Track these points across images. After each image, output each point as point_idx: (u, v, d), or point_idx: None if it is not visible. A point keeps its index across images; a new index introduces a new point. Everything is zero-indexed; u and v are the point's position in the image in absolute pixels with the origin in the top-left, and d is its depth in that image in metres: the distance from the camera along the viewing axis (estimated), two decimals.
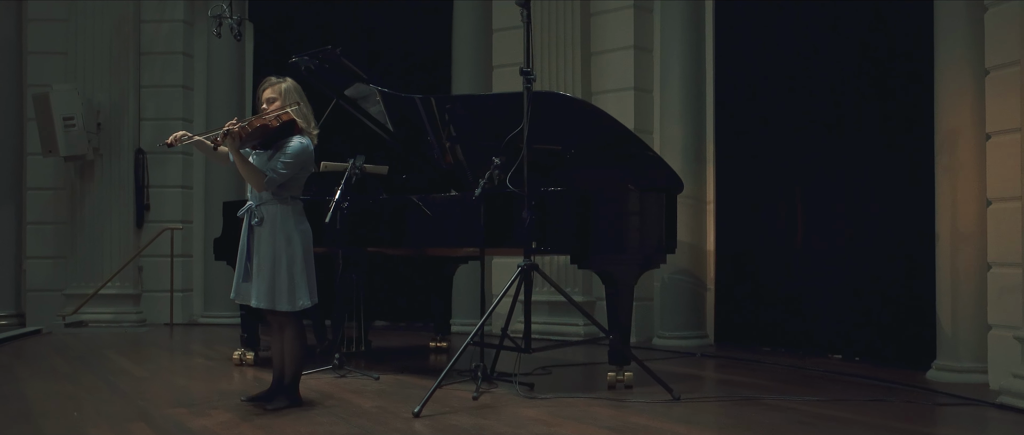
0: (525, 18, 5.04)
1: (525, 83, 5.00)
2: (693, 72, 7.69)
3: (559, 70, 8.08)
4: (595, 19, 8.13)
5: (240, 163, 4.62)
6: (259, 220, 4.72)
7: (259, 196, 4.73)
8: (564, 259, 8.06)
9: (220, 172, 9.83)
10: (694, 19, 7.67)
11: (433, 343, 7.38)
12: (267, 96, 4.77)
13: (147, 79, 9.89)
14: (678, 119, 7.72)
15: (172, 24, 9.92)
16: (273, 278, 4.68)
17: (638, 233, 5.42)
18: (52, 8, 9.80)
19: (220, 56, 9.85)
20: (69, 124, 9.31)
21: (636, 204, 5.42)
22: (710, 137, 7.79)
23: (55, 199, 9.90)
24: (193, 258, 10.07)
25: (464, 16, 8.99)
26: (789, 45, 7.23)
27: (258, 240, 4.73)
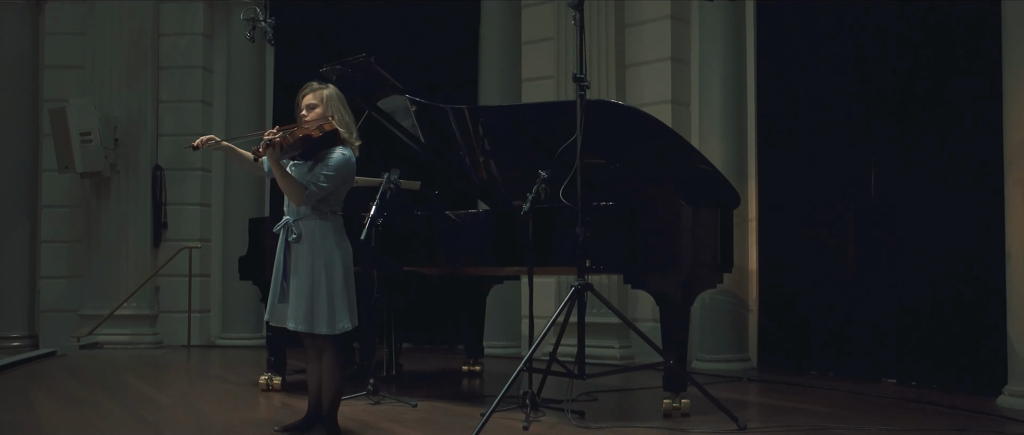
0: (578, 21, 4.67)
1: (578, 90, 4.63)
2: (734, 84, 7.32)
3: (592, 82, 7.70)
4: (630, 30, 7.78)
5: (280, 175, 4.25)
6: (297, 236, 4.33)
7: (297, 211, 4.36)
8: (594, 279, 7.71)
9: (240, 190, 9.48)
10: (735, 30, 7.30)
11: (466, 367, 6.98)
12: (307, 102, 4.40)
13: (165, 93, 9.54)
14: (718, 133, 7.34)
15: (191, 37, 9.58)
16: (312, 299, 4.29)
17: (691, 251, 5.03)
18: (69, 21, 9.49)
19: (240, 70, 9.52)
20: (86, 139, 8.97)
21: (689, 220, 5.03)
22: (752, 151, 7.41)
23: (70, 217, 9.54)
24: (211, 278, 9.69)
25: (492, 30, 8.66)
26: (837, 52, 6.85)
27: (295, 258, 4.34)
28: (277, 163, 4.25)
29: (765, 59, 7.32)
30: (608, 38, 7.70)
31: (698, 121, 7.55)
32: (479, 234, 5.49)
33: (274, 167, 4.25)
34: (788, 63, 7.18)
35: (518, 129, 5.84)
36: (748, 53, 7.37)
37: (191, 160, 9.55)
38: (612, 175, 5.27)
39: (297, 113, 4.49)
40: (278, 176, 4.27)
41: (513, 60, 8.58)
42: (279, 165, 4.27)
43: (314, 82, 4.50)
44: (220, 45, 9.67)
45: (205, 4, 9.58)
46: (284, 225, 4.39)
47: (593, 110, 4.85)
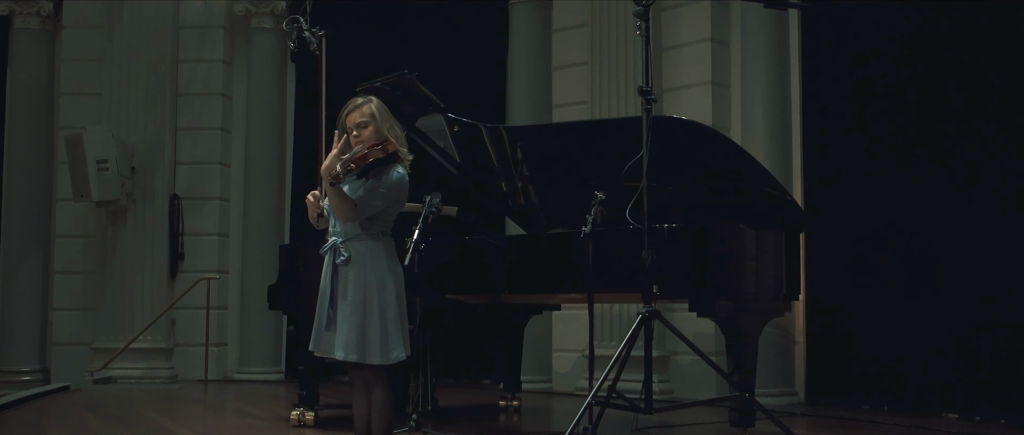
0: (644, 32, 4.35)
1: (645, 104, 4.29)
2: (777, 107, 6.97)
3: (628, 109, 7.37)
4: (668, 54, 7.45)
5: (332, 195, 3.89)
6: (345, 258, 3.97)
7: (345, 231, 4.00)
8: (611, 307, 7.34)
9: (259, 219, 9.14)
10: (778, 51, 6.96)
11: (503, 401, 6.57)
12: (356, 121, 4.04)
13: (184, 121, 9.20)
14: (760, 155, 6.94)
15: (211, 64, 9.25)
16: (363, 326, 3.92)
17: (754, 276, 4.68)
18: (87, 47, 9.17)
19: (260, 97, 9.21)
20: (102, 167, 8.61)
21: (753, 243, 4.68)
22: (797, 174, 7.07)
23: (85, 247, 9.15)
24: (228, 310, 9.29)
25: (520, 55, 8.35)
26: (887, 68, 6.49)
27: (344, 282, 3.98)
28: (333, 190, 3.91)
29: (810, 79, 6.98)
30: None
31: (740, 142, 7.20)
32: (531, 259, 5.12)
33: (328, 192, 3.91)
34: (834, 82, 6.84)
35: (565, 149, 5.51)
36: (792, 75, 7.03)
37: (209, 189, 9.21)
38: (664, 197, 4.90)
39: (341, 134, 4.13)
40: (330, 195, 3.91)
41: (543, 86, 8.27)
42: (333, 189, 3.92)
43: (357, 98, 4.16)
44: (240, 71, 9.36)
45: (225, 30, 9.27)
46: (331, 247, 4.03)
47: (657, 127, 4.51)
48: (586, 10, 7.74)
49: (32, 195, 9.20)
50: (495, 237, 5.35)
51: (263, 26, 9.19)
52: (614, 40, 7.52)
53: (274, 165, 9.23)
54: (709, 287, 4.52)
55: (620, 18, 7.46)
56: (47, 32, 9.31)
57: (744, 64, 7.04)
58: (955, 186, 6.09)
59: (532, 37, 8.29)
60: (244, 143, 9.27)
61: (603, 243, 4.58)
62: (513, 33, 8.39)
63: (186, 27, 9.20)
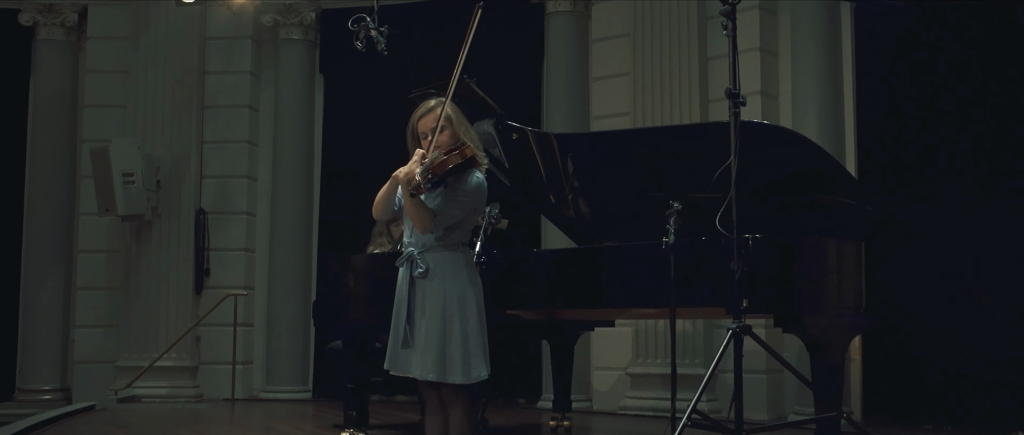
0: (731, 31, 4.07)
1: (733, 108, 4.02)
2: (830, 113, 6.65)
3: (671, 121, 7.11)
4: (714, 63, 7.19)
5: (407, 203, 3.62)
6: (423, 271, 3.69)
7: (422, 241, 3.72)
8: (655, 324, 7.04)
9: (286, 234, 8.84)
10: (830, 58, 6.67)
11: (553, 422, 6.24)
12: (430, 126, 3.77)
13: (210, 134, 8.92)
14: None
15: (238, 76, 8.98)
16: (444, 343, 3.64)
17: (837, 291, 4.41)
18: (112, 59, 8.90)
19: (288, 109, 8.94)
20: (128, 180, 8.32)
21: (835, 256, 4.41)
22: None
23: (108, 262, 8.85)
24: (254, 327, 8.98)
25: (557, 66, 8.07)
26: (952, 64, 6.19)
27: (422, 296, 3.70)
28: (406, 195, 3.64)
29: (865, 88, 6.69)
30: (691, 72, 7.12)
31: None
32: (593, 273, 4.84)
33: (405, 201, 3.63)
34: (890, 92, 6.56)
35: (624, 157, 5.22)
36: (846, 84, 6.75)
37: (235, 203, 8.92)
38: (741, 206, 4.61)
39: (412, 139, 3.86)
40: (407, 203, 3.64)
41: (581, 97, 7.99)
42: (410, 200, 3.64)
43: (429, 100, 3.89)
44: (267, 83, 9.08)
45: (252, 42, 9.00)
46: (407, 258, 3.74)
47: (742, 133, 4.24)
48: (628, 20, 7.48)
49: (54, 209, 8.90)
50: (551, 250, 5.08)
51: (291, 37, 8.92)
52: (657, 50, 7.26)
53: (302, 179, 8.94)
54: (797, 302, 4.24)
55: (664, 28, 7.22)
56: (71, 43, 9.03)
57: (795, 75, 6.76)
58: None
59: (569, 48, 8.02)
60: (271, 156, 9.00)
61: (683, 255, 4.29)
62: (549, 43, 8.12)
63: (213, 38, 8.93)
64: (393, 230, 6.27)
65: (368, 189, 8.64)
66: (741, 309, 4.01)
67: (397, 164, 9.09)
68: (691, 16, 7.14)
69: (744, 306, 4.03)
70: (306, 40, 8.97)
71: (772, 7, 7.05)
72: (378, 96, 8.87)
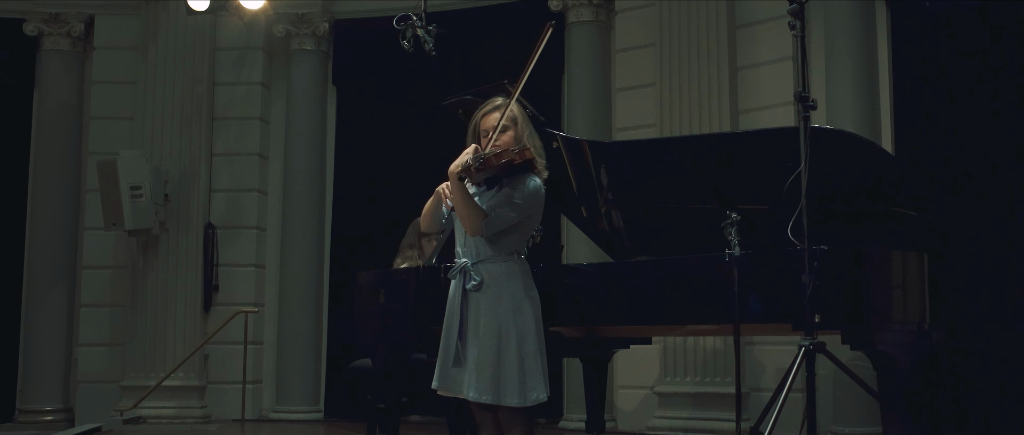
0: (800, 31, 3.80)
1: (803, 112, 3.74)
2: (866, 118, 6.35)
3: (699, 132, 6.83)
4: (743, 73, 6.93)
5: (461, 198, 3.32)
6: (477, 283, 3.39)
7: (476, 251, 3.43)
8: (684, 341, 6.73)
9: (297, 249, 8.53)
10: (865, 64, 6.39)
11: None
12: (493, 125, 3.49)
13: (219, 146, 8.61)
14: None
15: (249, 87, 8.68)
16: (499, 362, 3.35)
17: (902, 305, 4.15)
18: (119, 70, 8.60)
19: (300, 121, 8.65)
20: (136, 194, 8.00)
21: (900, 268, 4.13)
22: None
23: (114, 278, 8.51)
24: (264, 345, 8.64)
25: (579, 75, 7.80)
26: (987, 64, 5.90)
27: (475, 310, 3.41)
28: (461, 183, 3.34)
29: (903, 87, 6.37)
30: (721, 82, 6.85)
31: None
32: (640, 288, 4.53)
33: (457, 187, 3.33)
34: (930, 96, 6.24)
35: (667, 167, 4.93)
36: (883, 88, 6.44)
37: (245, 218, 8.60)
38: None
39: (474, 136, 3.57)
40: (459, 198, 3.33)
41: (602, 108, 7.72)
42: (463, 186, 3.35)
43: (496, 99, 3.60)
44: (279, 95, 8.79)
45: (264, 53, 8.71)
46: (460, 270, 3.44)
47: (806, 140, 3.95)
48: (653, 30, 7.22)
49: (58, 224, 8.57)
50: (598, 264, 4.78)
51: (304, 48, 8.64)
52: (685, 60, 7.00)
53: (314, 193, 8.63)
54: (867, 317, 3.95)
55: (692, 37, 6.97)
56: (77, 54, 8.72)
57: (829, 84, 6.48)
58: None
59: (591, 58, 7.75)
60: (282, 170, 8.69)
61: (745, 267, 4.00)
62: (570, 53, 7.86)
63: (223, 48, 8.64)
64: (425, 245, 5.98)
65: (382, 203, 8.54)
66: (814, 325, 3.71)
67: (412, 177, 8.78)
68: (721, 25, 6.89)
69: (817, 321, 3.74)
70: (319, 51, 8.68)
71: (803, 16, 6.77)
72: (392, 108, 8.60)
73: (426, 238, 6.04)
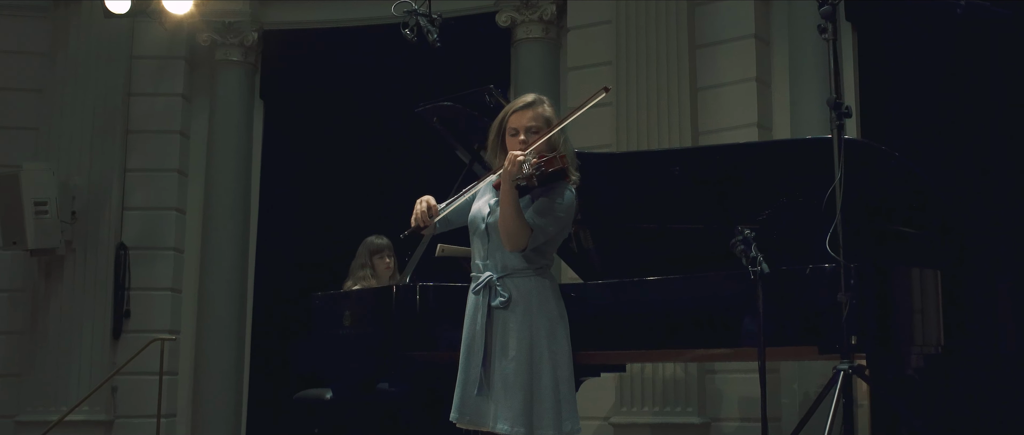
0: (831, 33, 3.55)
1: (837, 119, 3.47)
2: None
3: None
4: (703, 93, 6.72)
5: (512, 210, 2.92)
6: (505, 300, 2.98)
7: (503, 264, 3.02)
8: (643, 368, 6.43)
9: (219, 273, 7.89)
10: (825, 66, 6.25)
11: None
12: (527, 125, 3.08)
13: (135, 161, 7.91)
14: None
15: (168, 98, 8.02)
16: (531, 389, 2.95)
17: (921, 326, 3.94)
18: (25, 76, 7.83)
19: (224, 137, 8.04)
20: (41, 210, 7.27)
21: (918, 286, 3.93)
22: None
23: (12, 302, 7.71)
24: (179, 376, 7.92)
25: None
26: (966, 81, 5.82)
27: (503, 331, 2.99)
28: (514, 190, 2.93)
29: (871, 108, 6.24)
30: (681, 102, 6.62)
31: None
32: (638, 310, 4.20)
33: (510, 193, 2.91)
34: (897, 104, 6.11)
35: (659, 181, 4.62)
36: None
37: (161, 238, 7.90)
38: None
39: (499, 138, 3.17)
40: (510, 210, 2.92)
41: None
42: (517, 198, 2.93)
43: (528, 96, 3.20)
44: (201, 108, 8.16)
45: (186, 63, 8.07)
46: (485, 285, 3.01)
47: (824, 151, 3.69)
48: (609, 49, 6.95)
49: None
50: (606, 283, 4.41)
51: (230, 59, 8.05)
52: (642, 79, 6.75)
53: (237, 213, 8.01)
54: (894, 338, 3.70)
55: (650, 57, 6.73)
56: None
57: (794, 105, 6.34)
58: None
59: (540, 76, 7.43)
60: (203, 188, 8.05)
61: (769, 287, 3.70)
62: (518, 72, 7.53)
63: (142, 57, 7.97)
64: (377, 264, 5.52)
65: (311, 224, 7.97)
66: (850, 347, 3.43)
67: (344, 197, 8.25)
68: (681, 44, 6.67)
69: (853, 343, 3.46)
70: (246, 62, 8.11)
71: (767, 37, 6.63)
72: (324, 124, 8.10)
73: (379, 257, 5.59)
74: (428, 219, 3.06)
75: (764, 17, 6.63)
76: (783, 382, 6.27)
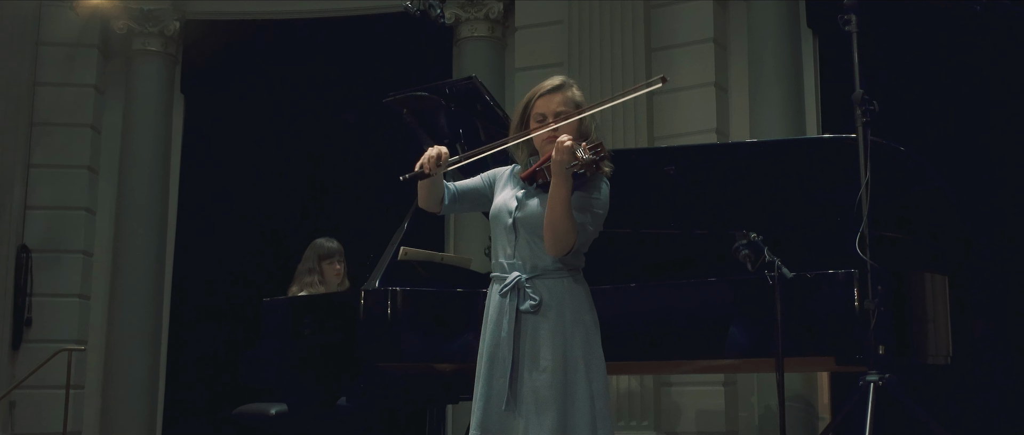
0: (854, 26, 3.36)
1: (863, 117, 3.29)
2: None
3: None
4: (659, 98, 6.52)
5: (562, 206, 2.59)
6: (535, 303, 2.65)
7: (532, 262, 2.69)
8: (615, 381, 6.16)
9: (133, 278, 7.28)
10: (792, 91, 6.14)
11: None
12: (556, 109, 2.77)
13: (40, 156, 7.25)
14: None
15: (79, 90, 7.37)
16: (566, 401, 2.63)
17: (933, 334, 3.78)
18: None
19: (140, 132, 7.45)
20: None
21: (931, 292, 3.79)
22: None
23: None
24: (86, 390, 7.26)
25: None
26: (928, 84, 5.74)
27: (533, 339, 2.67)
28: (569, 186, 2.59)
29: (833, 113, 6.15)
30: (637, 107, 6.40)
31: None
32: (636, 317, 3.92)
33: (562, 194, 2.58)
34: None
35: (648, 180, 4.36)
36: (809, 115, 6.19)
37: (69, 240, 7.25)
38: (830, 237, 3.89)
39: (522, 121, 2.84)
40: (561, 204, 2.58)
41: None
42: (568, 193, 2.60)
43: (554, 78, 2.88)
44: (115, 101, 7.53)
45: (99, 52, 7.45)
46: (512, 287, 2.68)
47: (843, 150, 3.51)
48: (560, 50, 6.70)
49: None
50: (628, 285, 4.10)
51: (148, 49, 7.45)
52: (596, 82, 6.50)
53: (154, 214, 7.41)
54: (910, 347, 3.52)
55: (604, 59, 6.51)
56: None
57: (754, 112, 6.20)
58: None
59: (485, 77, 6.87)
60: (116, 186, 7.42)
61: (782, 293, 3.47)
62: (462, 71, 7.15)
63: (50, 44, 7.31)
64: (327, 269, 5.10)
65: (235, 227, 7.43)
66: (878, 357, 3.23)
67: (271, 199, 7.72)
68: (637, 46, 6.47)
69: (882, 352, 3.26)
70: (166, 53, 7.53)
71: (725, 41, 6.48)
72: (248, 122, 7.58)
73: (329, 262, 5.17)
74: (435, 167, 2.70)
75: (722, 21, 6.49)
76: (741, 396, 6.10)
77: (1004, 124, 5.42)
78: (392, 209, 7.18)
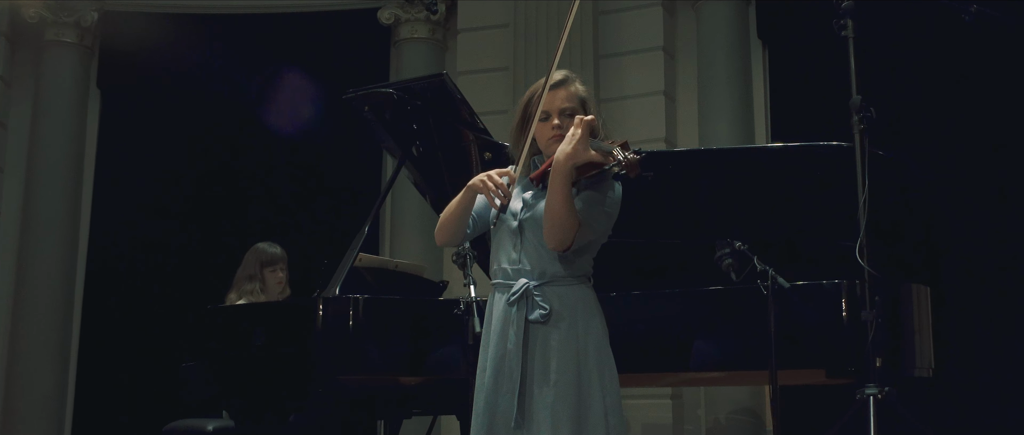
0: (850, 30, 3.27)
1: (860, 124, 3.19)
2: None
3: None
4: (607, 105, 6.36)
5: (565, 196, 2.37)
6: (545, 312, 2.45)
7: (540, 268, 2.49)
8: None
9: (41, 284, 6.81)
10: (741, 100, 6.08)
11: None
12: (561, 106, 2.58)
13: None
14: None
15: None
16: (578, 419, 2.42)
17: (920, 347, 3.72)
18: None
19: (52, 129, 6.98)
20: None
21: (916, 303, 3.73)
22: None
23: None
24: None
25: None
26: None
27: (544, 350, 2.47)
28: (570, 180, 2.40)
29: (781, 122, 6.10)
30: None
31: None
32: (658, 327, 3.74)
33: (565, 185, 2.38)
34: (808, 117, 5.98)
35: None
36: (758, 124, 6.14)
37: None
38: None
39: (524, 118, 2.64)
40: (561, 198, 2.38)
41: None
42: (570, 185, 2.41)
43: (557, 73, 2.68)
44: (24, 94, 7.03)
45: (7, 40, 6.93)
46: (521, 294, 2.46)
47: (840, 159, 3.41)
48: (504, 53, 6.51)
49: None
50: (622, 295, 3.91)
51: (63, 39, 6.98)
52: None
53: (65, 217, 6.93)
54: (905, 359, 3.44)
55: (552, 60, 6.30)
56: None
57: (703, 122, 6.11)
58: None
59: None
60: (23, 186, 6.92)
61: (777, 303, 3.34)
62: (400, 74, 6.88)
63: None
64: (268, 277, 4.78)
65: (153, 231, 6.98)
66: (877, 371, 3.12)
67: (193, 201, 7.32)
68: (585, 53, 6.32)
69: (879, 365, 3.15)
70: (81, 45, 7.06)
71: (673, 49, 6.40)
72: (169, 120, 7.15)
73: (271, 269, 4.84)
74: (509, 192, 2.48)
75: (672, 29, 6.40)
76: (687, 408, 5.99)
77: (987, 132, 5.38)
78: (317, 212, 6.94)
